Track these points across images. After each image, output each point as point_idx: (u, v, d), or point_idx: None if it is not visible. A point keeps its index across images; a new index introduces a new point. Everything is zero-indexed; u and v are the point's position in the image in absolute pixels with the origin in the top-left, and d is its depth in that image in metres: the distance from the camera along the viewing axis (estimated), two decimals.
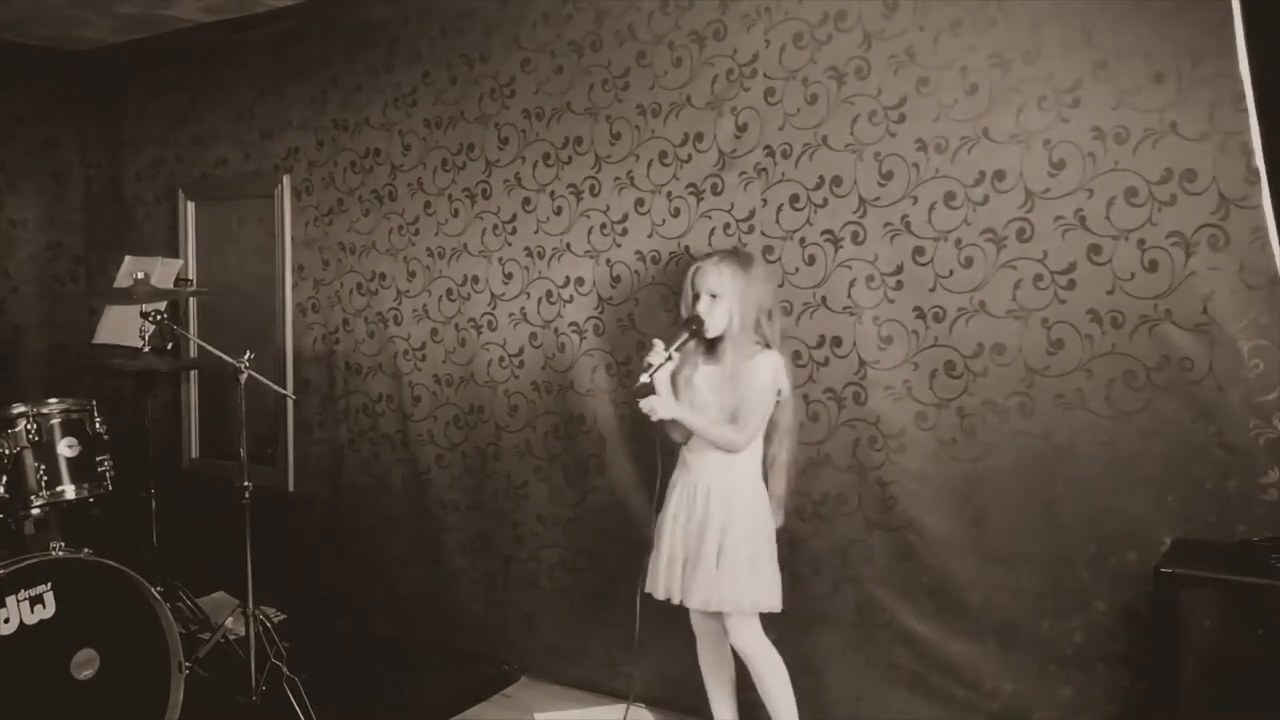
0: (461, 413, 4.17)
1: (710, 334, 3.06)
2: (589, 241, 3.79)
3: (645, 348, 3.60)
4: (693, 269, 3.11)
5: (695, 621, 3.22)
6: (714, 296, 3.03)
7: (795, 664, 3.15)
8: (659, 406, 3.03)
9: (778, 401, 3.07)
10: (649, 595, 3.18)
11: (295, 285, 4.66)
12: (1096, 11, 2.88)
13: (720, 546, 2.99)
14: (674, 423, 3.08)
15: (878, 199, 3.21)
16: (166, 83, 5.10)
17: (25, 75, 5.20)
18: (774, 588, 3.05)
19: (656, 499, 3.20)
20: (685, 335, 3.04)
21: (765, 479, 3.10)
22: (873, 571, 3.27)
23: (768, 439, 3.10)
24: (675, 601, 3.08)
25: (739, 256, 3.13)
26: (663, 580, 3.09)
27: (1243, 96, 2.67)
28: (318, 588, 4.56)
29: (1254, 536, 2.66)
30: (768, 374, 3.03)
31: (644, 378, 3.00)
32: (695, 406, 3.08)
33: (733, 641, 3.08)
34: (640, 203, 3.66)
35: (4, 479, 3.18)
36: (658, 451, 3.14)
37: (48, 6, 4.54)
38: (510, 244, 3.99)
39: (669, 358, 3.02)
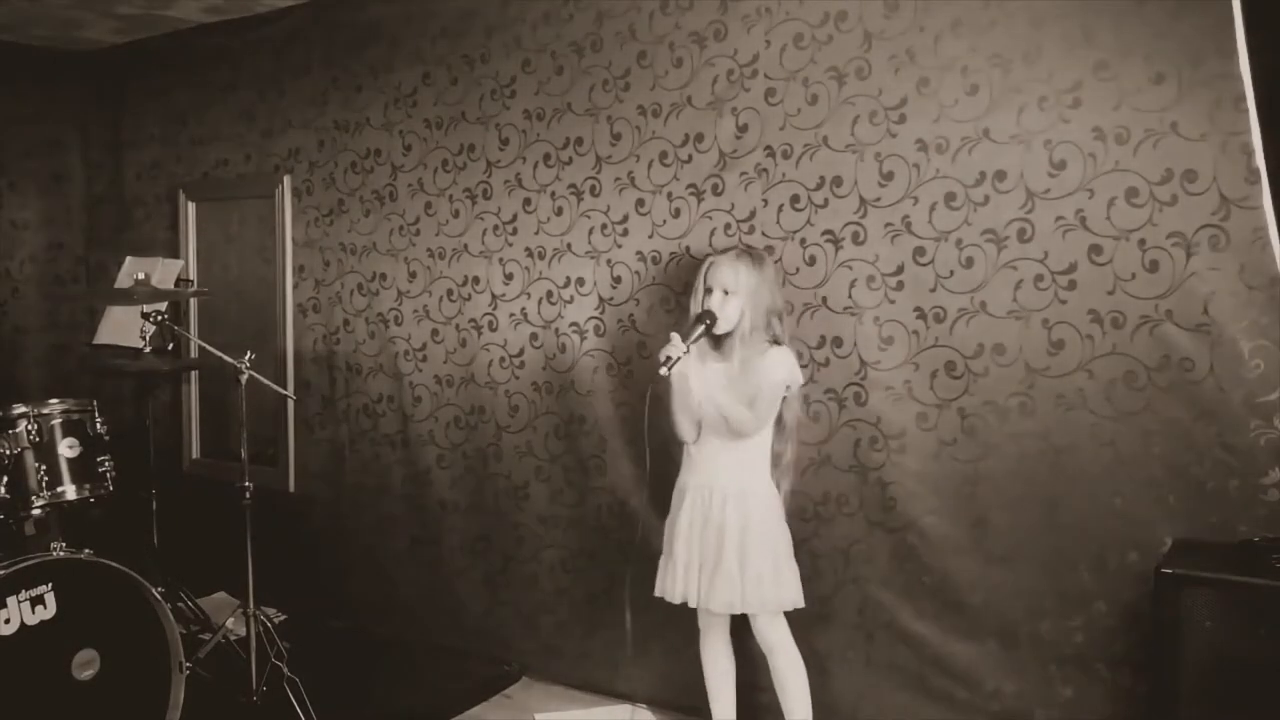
0: (462, 413, 4.17)
1: (721, 329, 3.04)
2: (590, 242, 3.79)
3: (644, 349, 3.63)
4: (706, 264, 3.10)
5: (705, 621, 3.21)
6: (727, 293, 3.03)
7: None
8: (690, 377, 3.01)
9: (785, 397, 3.07)
10: (658, 598, 3.16)
11: (296, 286, 4.66)
12: (1097, 12, 2.88)
13: (742, 550, 2.97)
14: (684, 417, 3.07)
15: (878, 199, 3.21)
16: (167, 83, 5.10)
17: (26, 76, 5.21)
18: (796, 584, 3.06)
19: (645, 499, 3.20)
20: (700, 329, 3.01)
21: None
22: (874, 572, 3.27)
23: (775, 436, 3.10)
24: (694, 605, 3.06)
25: (753, 254, 3.12)
26: (680, 585, 3.07)
27: (1243, 97, 2.67)
28: (318, 588, 4.56)
29: (1255, 537, 2.65)
30: (783, 369, 3.03)
31: (663, 370, 2.97)
32: (700, 404, 3.07)
33: (761, 639, 3.07)
34: (641, 203, 3.66)
35: (5, 479, 3.18)
36: (646, 450, 3.10)
37: (48, 7, 4.54)
38: (511, 244, 3.99)
39: (686, 350, 2.98)
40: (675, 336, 3.00)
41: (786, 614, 3.08)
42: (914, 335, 3.18)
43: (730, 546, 2.98)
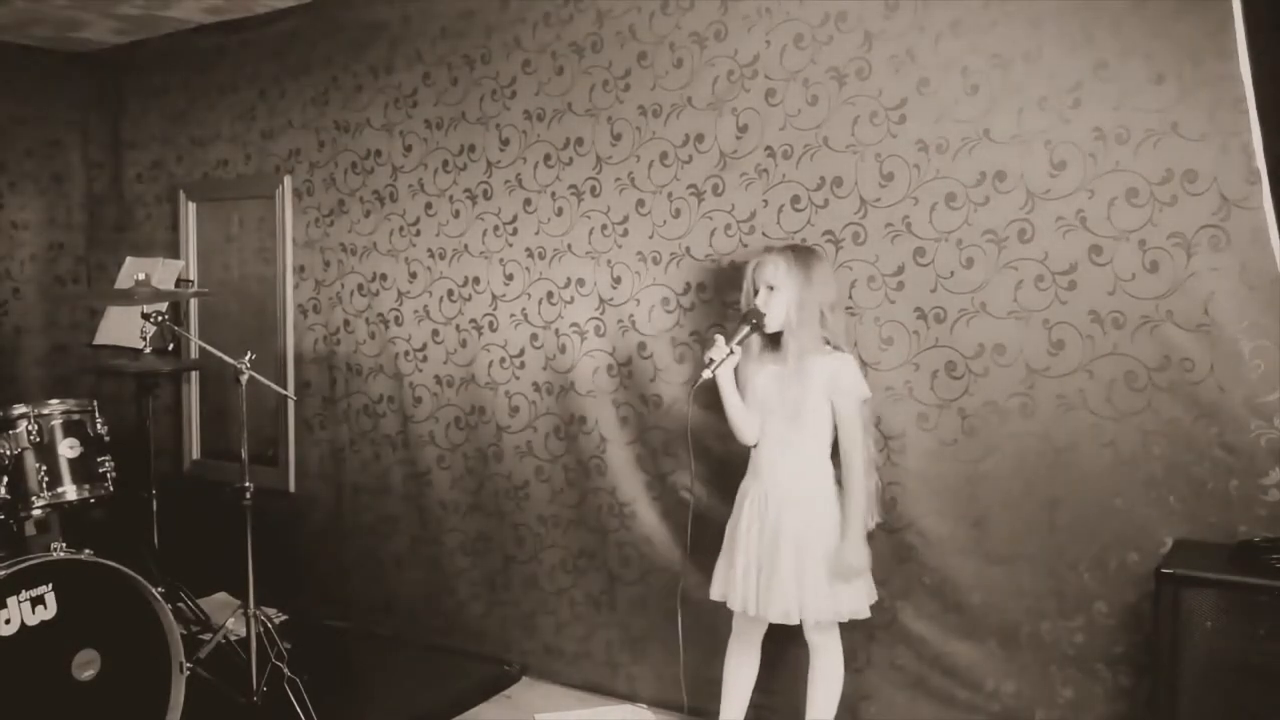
0: (462, 413, 4.17)
1: (770, 328, 2.97)
2: (590, 242, 3.79)
3: (644, 349, 3.63)
4: (753, 264, 3.03)
5: (742, 623, 3.13)
6: (771, 289, 2.96)
7: (798, 664, 3.15)
8: (724, 380, 2.96)
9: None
10: (719, 603, 3.12)
11: (296, 286, 4.66)
12: (1097, 12, 2.88)
13: (798, 557, 2.91)
14: (736, 419, 3.01)
15: (878, 200, 3.21)
16: (167, 83, 5.11)
17: (27, 76, 5.21)
18: (860, 593, 2.99)
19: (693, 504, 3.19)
20: (746, 329, 2.96)
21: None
22: (874, 572, 3.26)
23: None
24: (752, 613, 3.00)
25: (797, 250, 3.03)
26: (740, 592, 3.00)
27: (1243, 97, 2.67)
28: (319, 588, 4.57)
29: (1255, 537, 2.65)
30: (826, 375, 2.93)
31: (705, 373, 2.93)
32: (759, 405, 3.01)
33: (810, 637, 3.02)
34: (641, 203, 3.66)
35: (5, 480, 3.18)
36: (690, 452, 3.09)
37: (49, 7, 4.54)
38: (511, 245, 3.99)
39: (730, 352, 2.94)
40: (719, 338, 2.96)
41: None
42: (914, 335, 3.18)
43: (786, 554, 2.91)
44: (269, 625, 3.50)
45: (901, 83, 3.16)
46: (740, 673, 3.18)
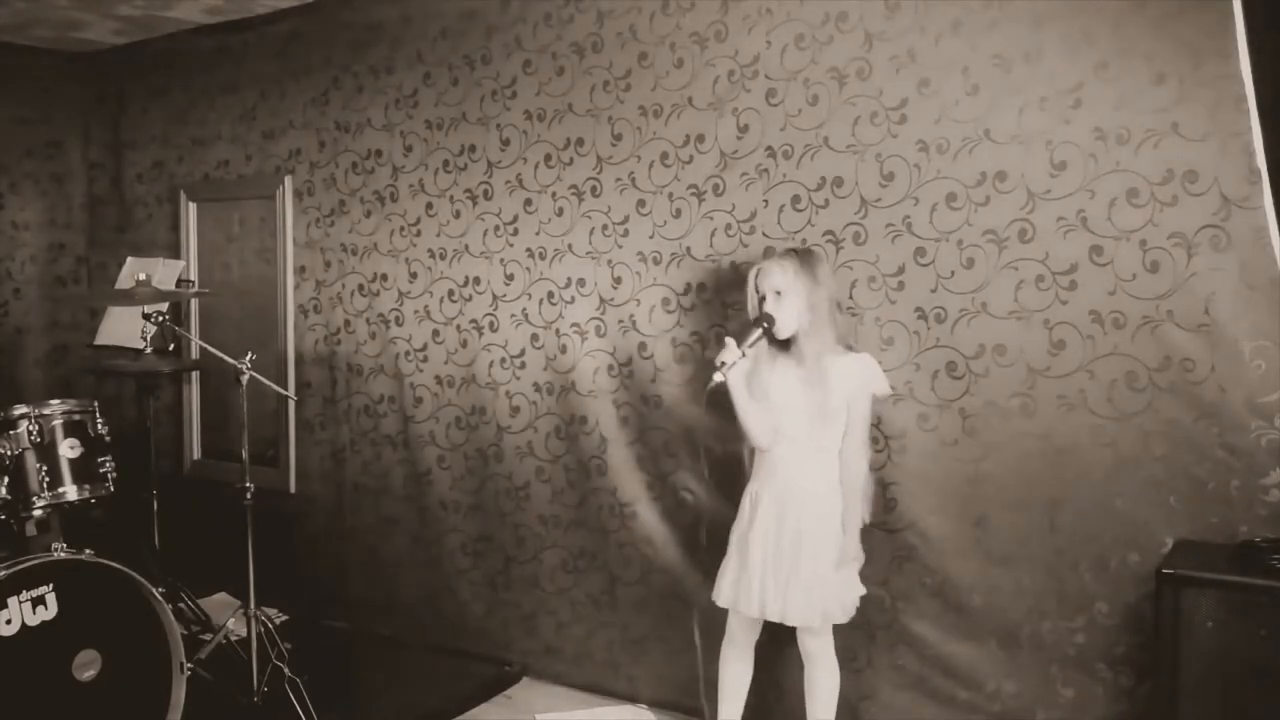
0: (463, 414, 4.17)
1: (782, 333, 2.96)
2: (590, 242, 3.79)
3: (645, 350, 3.63)
4: (754, 271, 3.01)
5: (737, 626, 3.11)
6: (779, 294, 2.93)
7: (798, 665, 3.15)
8: (734, 385, 2.92)
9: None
10: (707, 603, 3.11)
11: (297, 286, 4.66)
12: (1098, 12, 2.88)
13: (818, 557, 2.91)
14: (749, 422, 2.97)
15: (879, 200, 3.21)
16: (168, 84, 5.11)
17: (27, 77, 5.21)
18: (854, 595, 3.00)
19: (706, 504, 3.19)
20: (758, 333, 2.93)
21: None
22: (874, 573, 3.26)
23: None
24: (768, 618, 2.97)
25: (801, 253, 3.02)
26: (756, 597, 2.96)
27: (1244, 97, 2.67)
28: (319, 589, 4.56)
29: (1256, 537, 2.65)
30: (857, 377, 2.93)
31: (717, 377, 2.90)
32: (778, 407, 2.98)
33: (805, 645, 3.02)
34: (642, 204, 3.66)
35: (6, 480, 3.18)
36: (703, 456, 3.04)
37: (49, 8, 4.55)
38: (512, 245, 3.99)
39: (743, 355, 2.92)
40: (730, 342, 2.93)
41: None
42: (915, 336, 3.18)
43: (808, 554, 2.90)
44: (269, 625, 3.50)
45: (902, 83, 3.16)
46: (736, 675, 3.17)
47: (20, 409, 3.29)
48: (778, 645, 3.21)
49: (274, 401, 4.52)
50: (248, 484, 3.50)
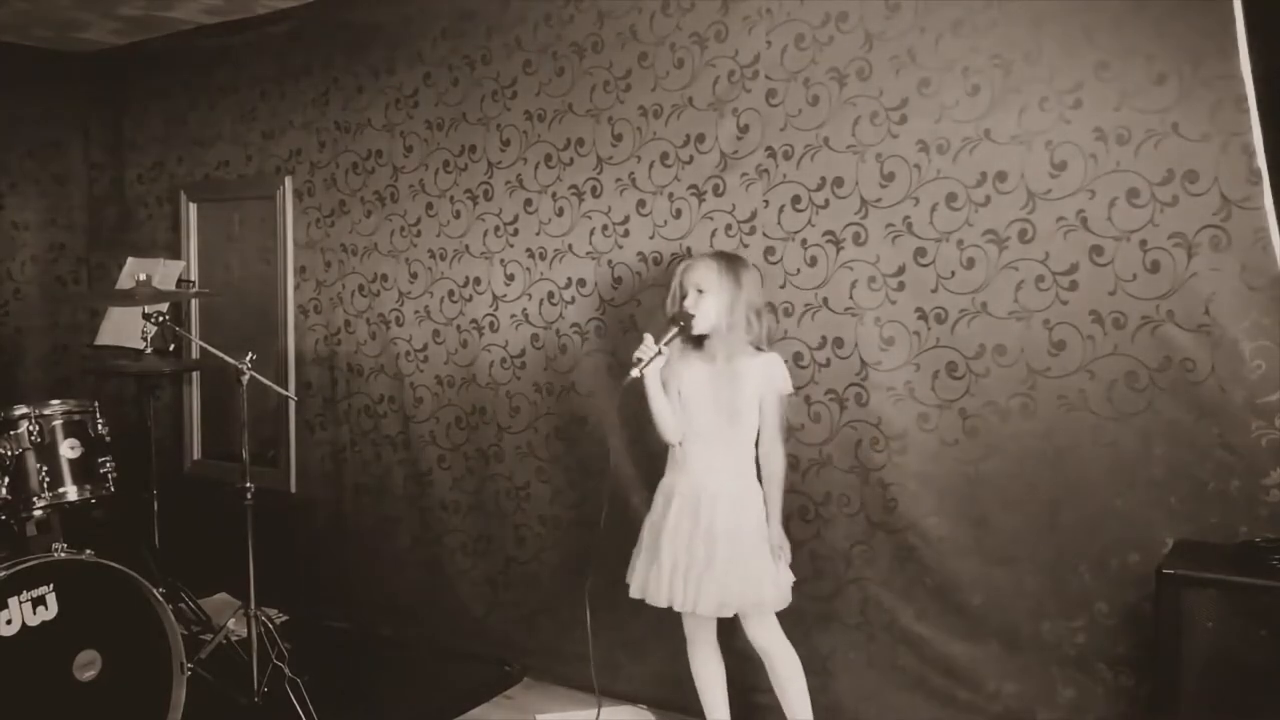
0: (463, 414, 4.17)
1: (698, 329, 3.03)
2: (591, 243, 3.79)
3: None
4: (681, 266, 3.10)
5: (691, 626, 3.17)
6: (700, 292, 3.01)
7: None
8: (650, 382, 3.03)
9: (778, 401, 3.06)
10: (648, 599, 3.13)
11: (297, 287, 4.66)
12: (1098, 12, 2.88)
13: (732, 551, 2.96)
14: (662, 419, 3.07)
15: (879, 200, 3.21)
16: (168, 84, 5.11)
17: (27, 77, 5.21)
18: (786, 583, 3.05)
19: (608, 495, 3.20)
20: (674, 330, 3.01)
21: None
22: (875, 573, 3.27)
23: (758, 441, 3.07)
24: (678, 608, 3.04)
25: (727, 256, 3.11)
26: (665, 589, 3.04)
27: (1244, 97, 2.67)
28: (320, 589, 4.56)
29: (1256, 537, 2.65)
30: (760, 376, 3.02)
31: (634, 372, 2.98)
32: (688, 404, 3.06)
33: (756, 643, 3.06)
34: (642, 204, 3.66)
35: (6, 480, 3.18)
36: (610, 450, 3.07)
37: (50, 8, 4.54)
38: (512, 245, 3.99)
39: (659, 352, 3.00)
40: (648, 337, 3.01)
41: (780, 616, 3.06)
42: (915, 336, 3.18)
43: (722, 549, 2.96)
44: (270, 626, 3.50)
45: (902, 83, 3.16)
46: (707, 673, 3.21)
47: (21, 409, 3.29)
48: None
49: (274, 402, 4.52)
50: (248, 484, 3.50)
